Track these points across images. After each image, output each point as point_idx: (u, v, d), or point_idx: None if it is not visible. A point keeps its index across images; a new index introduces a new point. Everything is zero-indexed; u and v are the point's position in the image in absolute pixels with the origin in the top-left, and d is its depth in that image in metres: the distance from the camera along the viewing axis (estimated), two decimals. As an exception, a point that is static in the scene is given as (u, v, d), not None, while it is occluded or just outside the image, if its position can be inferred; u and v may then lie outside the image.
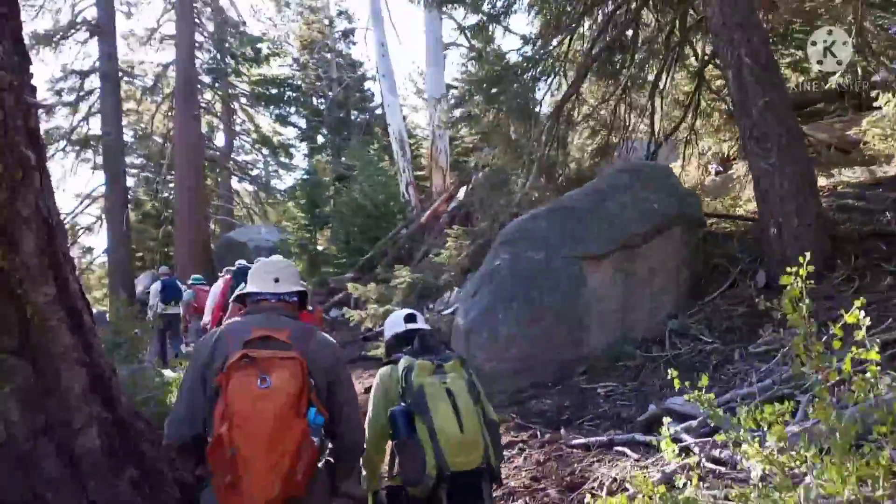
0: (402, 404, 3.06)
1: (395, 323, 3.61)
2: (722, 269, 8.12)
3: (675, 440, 4.67)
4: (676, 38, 9.98)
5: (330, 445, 2.72)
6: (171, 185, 26.86)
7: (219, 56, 26.21)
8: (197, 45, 25.61)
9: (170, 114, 26.75)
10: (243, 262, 8.85)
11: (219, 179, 29.71)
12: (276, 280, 2.92)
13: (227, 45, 25.83)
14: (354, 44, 31.02)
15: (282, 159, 29.96)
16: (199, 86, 26.40)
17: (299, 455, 2.43)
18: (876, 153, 10.04)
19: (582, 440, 5.62)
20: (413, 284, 8.77)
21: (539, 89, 10.44)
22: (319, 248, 22.70)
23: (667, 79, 10.54)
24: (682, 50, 10.47)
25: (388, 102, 23.36)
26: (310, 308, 3.88)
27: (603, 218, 7.74)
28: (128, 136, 27.86)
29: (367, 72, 30.70)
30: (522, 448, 6.01)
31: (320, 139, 30.78)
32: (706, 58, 10.19)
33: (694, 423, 4.82)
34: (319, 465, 2.62)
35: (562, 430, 5.99)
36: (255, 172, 31.07)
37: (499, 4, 10.70)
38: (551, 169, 9.57)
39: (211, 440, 2.44)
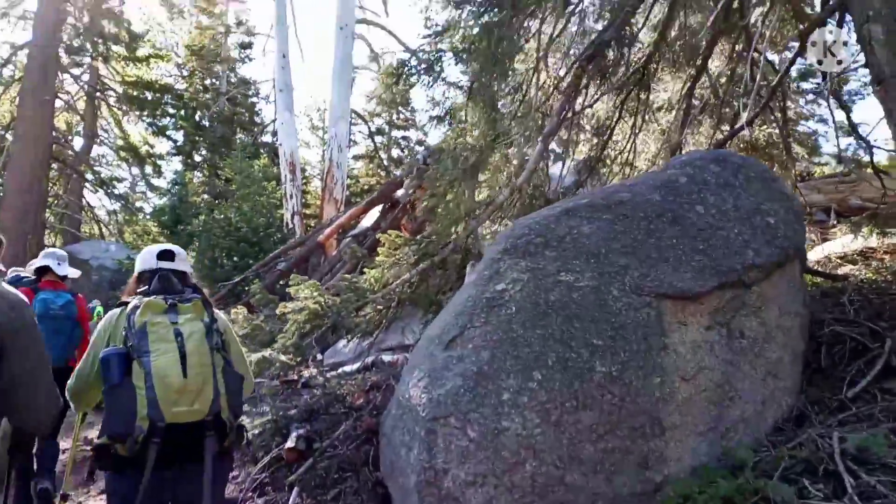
0: (121, 347, 2.49)
1: (145, 259, 2.92)
2: (844, 343, 4.50)
3: None
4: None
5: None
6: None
7: (86, 42, 20.93)
8: (65, 28, 20.42)
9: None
10: None
11: (68, 186, 23.90)
12: None
13: (100, 29, 20.64)
14: (251, 59, 26.59)
15: (149, 175, 24.60)
16: (59, 72, 21.04)
17: None
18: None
19: None
20: (319, 313, 4.58)
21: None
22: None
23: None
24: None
25: (283, 120, 19.17)
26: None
27: (693, 231, 3.99)
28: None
29: (259, 90, 26.26)
30: None
31: (198, 158, 25.71)
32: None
33: None
34: None
35: None
36: (116, 185, 25.45)
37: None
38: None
39: None
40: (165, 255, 2.89)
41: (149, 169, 24.43)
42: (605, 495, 3.39)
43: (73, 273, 5.45)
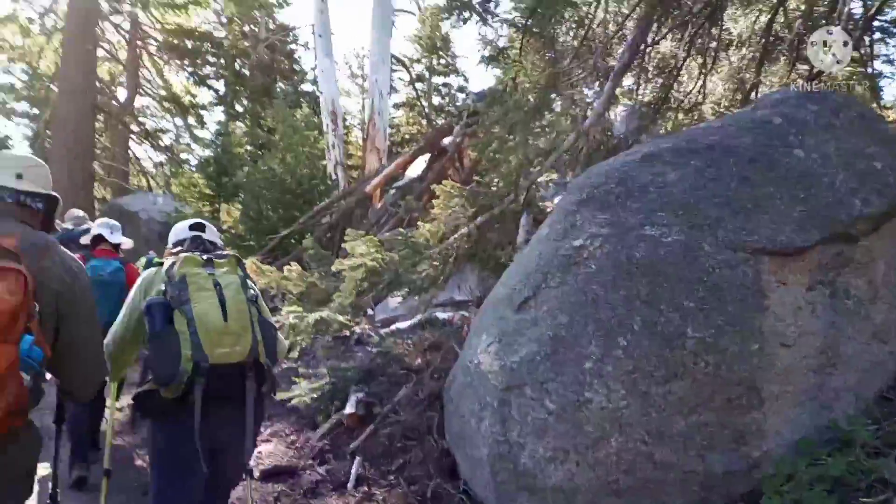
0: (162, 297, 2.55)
1: (179, 231, 3.03)
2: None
3: None
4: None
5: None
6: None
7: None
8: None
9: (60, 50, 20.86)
10: None
11: (114, 137, 23.91)
12: (19, 176, 2.12)
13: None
14: (289, 4, 25.94)
15: (193, 125, 24.42)
16: (99, 20, 20.76)
17: None
18: None
19: None
20: (377, 270, 4.27)
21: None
22: (225, 227, 17.51)
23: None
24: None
25: (322, 67, 18.62)
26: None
27: (792, 177, 3.52)
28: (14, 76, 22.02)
29: (298, 37, 25.70)
30: None
31: (239, 108, 25.38)
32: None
33: None
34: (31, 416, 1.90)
35: None
36: (161, 137, 25.39)
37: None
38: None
39: None
40: (197, 227, 3.01)
41: (192, 120, 24.26)
42: (696, 473, 3.06)
43: (127, 243, 5.50)
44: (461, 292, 7.03)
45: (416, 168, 11.40)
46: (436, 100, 26.04)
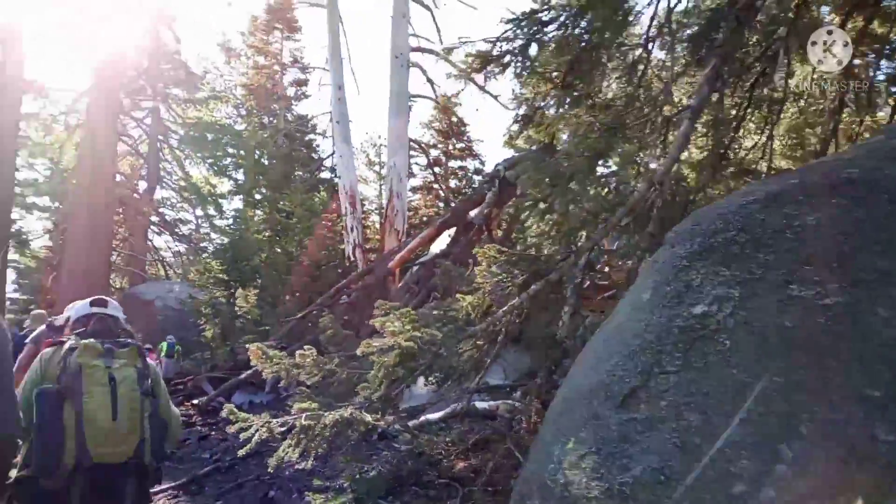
0: (55, 385, 2.49)
1: (80, 308, 2.92)
2: None
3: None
4: None
5: None
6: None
7: (146, 85, 20.58)
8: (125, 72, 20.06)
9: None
10: None
11: (134, 228, 23.49)
12: None
13: (160, 71, 20.25)
14: (307, 96, 25.92)
15: (212, 215, 24.01)
16: (121, 115, 20.67)
17: None
18: None
19: None
20: (413, 352, 3.29)
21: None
22: (241, 312, 16.61)
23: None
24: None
25: (340, 152, 18.26)
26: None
27: (974, 213, 2.57)
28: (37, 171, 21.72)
29: (316, 126, 25.56)
30: None
31: (258, 196, 25.05)
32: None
33: None
34: None
35: None
36: (180, 226, 25.01)
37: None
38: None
39: None
40: (99, 303, 2.88)
41: (211, 209, 23.88)
42: None
43: None
44: (497, 376, 6.01)
45: (441, 244, 10.54)
46: (453, 182, 25.65)
